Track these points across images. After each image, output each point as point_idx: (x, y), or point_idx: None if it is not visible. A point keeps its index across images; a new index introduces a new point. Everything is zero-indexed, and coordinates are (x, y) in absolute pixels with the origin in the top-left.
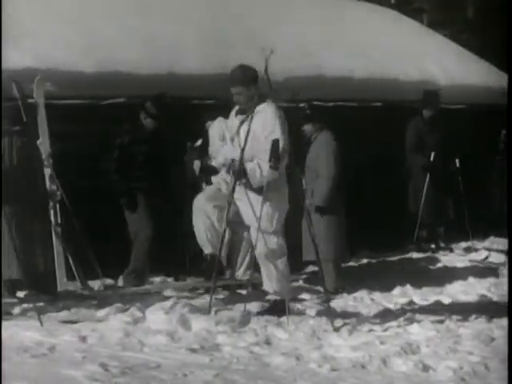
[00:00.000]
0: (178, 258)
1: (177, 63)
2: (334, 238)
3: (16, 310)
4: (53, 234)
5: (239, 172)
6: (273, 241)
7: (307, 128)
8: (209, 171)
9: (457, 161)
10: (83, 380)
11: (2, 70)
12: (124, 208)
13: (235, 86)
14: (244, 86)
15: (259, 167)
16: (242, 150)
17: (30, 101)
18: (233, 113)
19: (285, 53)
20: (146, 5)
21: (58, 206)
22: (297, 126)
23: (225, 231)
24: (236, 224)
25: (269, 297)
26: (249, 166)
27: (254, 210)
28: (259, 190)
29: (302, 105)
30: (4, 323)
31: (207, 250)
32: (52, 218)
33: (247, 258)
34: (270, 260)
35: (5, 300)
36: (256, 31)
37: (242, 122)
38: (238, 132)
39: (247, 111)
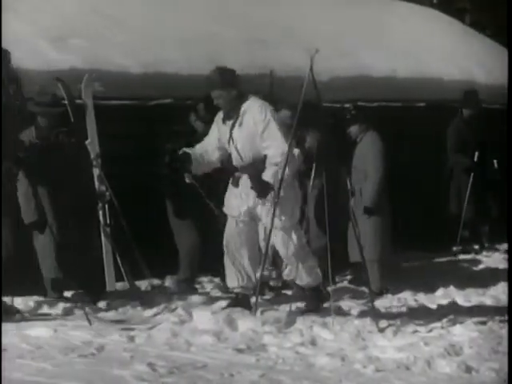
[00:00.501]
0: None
1: (220, 64)
2: (379, 238)
3: (63, 310)
4: (101, 234)
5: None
6: (287, 237)
7: (353, 129)
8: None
9: (495, 161)
10: (131, 380)
11: (48, 71)
12: (170, 214)
13: (213, 90)
14: (223, 90)
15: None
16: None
17: (77, 101)
18: (219, 121)
19: (326, 53)
20: (190, 5)
21: (106, 206)
22: (342, 127)
23: (270, 232)
24: None
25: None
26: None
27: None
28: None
29: (347, 105)
30: (50, 322)
31: (238, 290)
32: (101, 219)
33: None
34: (296, 258)
35: (52, 299)
36: (297, 31)
37: (232, 127)
38: (231, 138)
39: (233, 114)
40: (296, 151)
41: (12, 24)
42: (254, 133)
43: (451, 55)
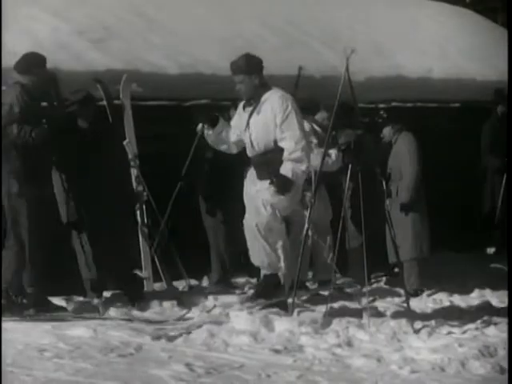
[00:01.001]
0: None
1: None
2: (416, 237)
3: (102, 310)
4: (139, 234)
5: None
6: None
7: (386, 131)
8: None
9: None
10: (169, 380)
11: (87, 72)
12: (203, 213)
13: (237, 75)
14: (246, 75)
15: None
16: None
17: (115, 102)
18: (240, 107)
19: (362, 53)
20: (227, 7)
21: (144, 206)
22: (376, 129)
23: (306, 236)
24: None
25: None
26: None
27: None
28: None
29: (381, 105)
30: (89, 322)
31: (266, 270)
32: (138, 219)
33: (329, 259)
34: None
35: (90, 300)
36: (333, 31)
37: (250, 114)
38: (248, 125)
39: (253, 102)
40: (334, 152)
41: (51, 26)
42: (270, 122)
43: (484, 55)
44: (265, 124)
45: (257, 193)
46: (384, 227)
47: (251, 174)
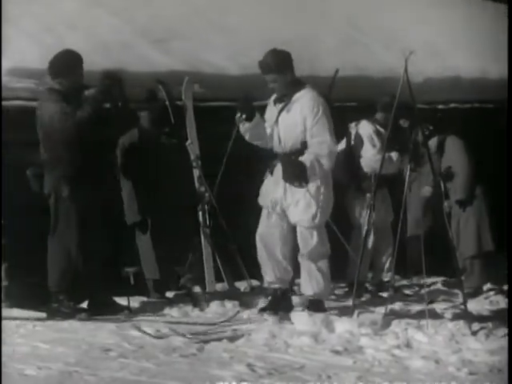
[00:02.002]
0: None
1: (316, 65)
2: (475, 235)
3: (165, 311)
4: (201, 235)
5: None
6: (313, 238)
7: (433, 142)
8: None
9: None
10: (231, 380)
11: (149, 73)
12: None
13: (268, 74)
14: (278, 73)
15: (317, 161)
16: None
17: (177, 103)
18: (271, 102)
19: (419, 54)
20: (286, 7)
21: (206, 207)
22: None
23: (366, 234)
24: None
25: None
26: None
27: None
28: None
29: (440, 106)
30: (152, 323)
31: (275, 284)
32: (201, 219)
33: (389, 261)
34: (310, 259)
35: (154, 300)
36: (390, 32)
37: (280, 111)
38: (276, 121)
39: (284, 99)
40: (395, 155)
41: (115, 26)
42: (299, 124)
43: None
44: (293, 124)
45: (292, 208)
46: (444, 228)
47: (277, 170)
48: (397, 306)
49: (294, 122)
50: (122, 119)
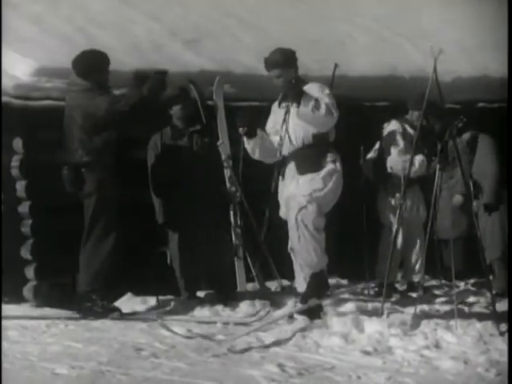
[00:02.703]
0: (352, 260)
1: (348, 65)
2: (499, 236)
3: (196, 310)
4: (232, 234)
5: None
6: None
7: (465, 136)
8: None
9: None
10: (261, 380)
11: (180, 73)
12: None
13: (273, 69)
14: (283, 68)
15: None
16: None
17: (208, 103)
18: (275, 105)
19: (448, 53)
20: (317, 6)
21: (237, 207)
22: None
23: (396, 234)
24: None
25: None
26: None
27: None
28: None
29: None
30: (184, 322)
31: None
32: (232, 219)
33: (420, 261)
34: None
35: (185, 300)
36: (421, 31)
37: (287, 110)
38: (284, 121)
39: (290, 97)
40: (419, 159)
41: (147, 27)
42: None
43: None
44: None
45: (298, 188)
46: (474, 229)
47: (290, 170)
48: (426, 306)
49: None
50: (154, 118)
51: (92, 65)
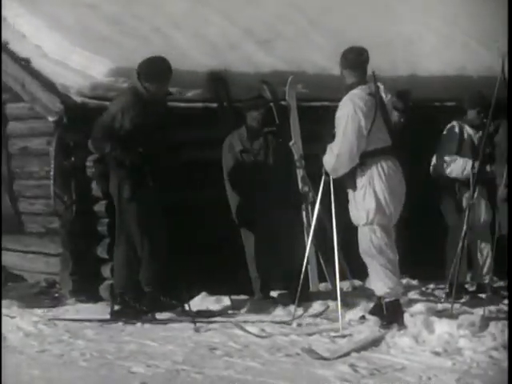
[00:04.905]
0: (422, 261)
1: (418, 66)
2: None
3: (269, 310)
4: (305, 234)
5: None
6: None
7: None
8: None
9: None
10: (334, 380)
11: (254, 73)
12: None
13: (341, 68)
14: (343, 69)
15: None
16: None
17: (281, 103)
18: None
19: None
20: (387, 6)
21: (310, 207)
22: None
23: (465, 235)
24: None
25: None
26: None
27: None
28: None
29: None
30: (257, 322)
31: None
32: (304, 219)
33: (488, 261)
34: (371, 257)
35: (259, 299)
36: (489, 31)
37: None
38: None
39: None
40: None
41: (222, 27)
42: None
43: None
44: (337, 128)
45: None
46: None
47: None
48: (495, 307)
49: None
50: (229, 119)
51: (154, 72)
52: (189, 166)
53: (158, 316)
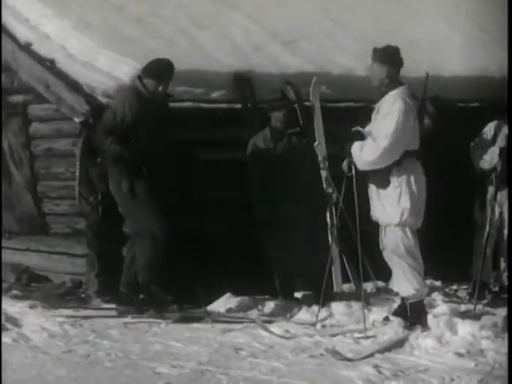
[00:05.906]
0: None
1: (440, 66)
2: None
3: (293, 311)
4: (329, 235)
5: None
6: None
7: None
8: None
9: None
10: (357, 381)
11: (279, 74)
12: None
13: (372, 61)
14: (376, 62)
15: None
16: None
17: (305, 104)
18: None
19: None
20: (412, 7)
21: (334, 208)
22: None
23: (488, 237)
24: None
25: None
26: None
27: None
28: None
29: None
30: (281, 323)
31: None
32: (328, 220)
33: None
34: (399, 257)
35: (283, 300)
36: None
37: (377, 110)
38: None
39: (378, 98)
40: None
41: (247, 28)
42: (378, 131)
43: None
44: (379, 126)
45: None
46: None
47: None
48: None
49: (379, 124)
50: (254, 119)
51: (154, 68)
52: (214, 166)
53: (182, 315)
